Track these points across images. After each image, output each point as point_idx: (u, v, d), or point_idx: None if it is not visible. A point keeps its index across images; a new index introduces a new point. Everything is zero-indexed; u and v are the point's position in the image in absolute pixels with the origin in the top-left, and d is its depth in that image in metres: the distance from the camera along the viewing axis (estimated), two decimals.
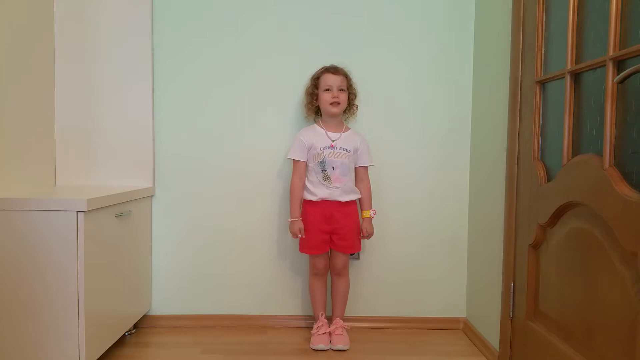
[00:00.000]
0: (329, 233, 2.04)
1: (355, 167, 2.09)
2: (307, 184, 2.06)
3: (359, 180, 2.10)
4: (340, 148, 2.03)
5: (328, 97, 2.01)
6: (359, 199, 2.10)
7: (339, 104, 2.02)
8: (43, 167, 2.10)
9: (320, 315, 2.11)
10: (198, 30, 2.23)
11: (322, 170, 2.02)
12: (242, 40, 2.24)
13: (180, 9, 2.22)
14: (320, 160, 2.02)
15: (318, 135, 2.06)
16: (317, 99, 2.06)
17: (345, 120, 2.16)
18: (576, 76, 1.43)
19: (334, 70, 2.04)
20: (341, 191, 2.02)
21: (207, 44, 2.24)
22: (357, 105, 2.14)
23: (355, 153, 2.06)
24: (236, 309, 2.31)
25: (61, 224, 1.58)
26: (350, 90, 2.07)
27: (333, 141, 2.04)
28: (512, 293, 1.77)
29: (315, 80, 2.07)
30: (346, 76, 2.06)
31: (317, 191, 2.03)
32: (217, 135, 2.26)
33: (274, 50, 2.24)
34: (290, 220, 2.07)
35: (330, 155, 2.01)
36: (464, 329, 2.28)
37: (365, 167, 2.09)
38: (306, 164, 2.07)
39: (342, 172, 2.02)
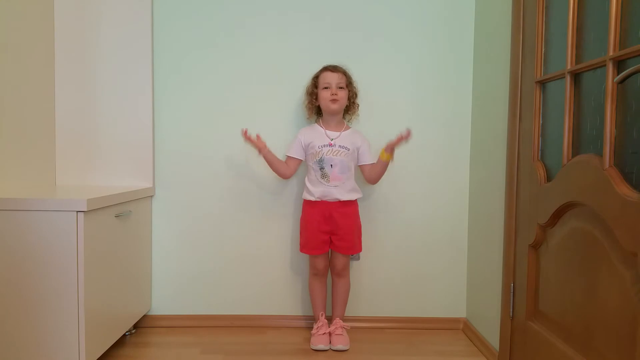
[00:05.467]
0: (329, 233, 2.04)
1: (360, 167, 2.09)
2: (307, 182, 2.07)
3: (367, 176, 2.10)
4: (340, 146, 2.03)
5: (327, 94, 2.01)
6: (375, 164, 2.06)
7: (337, 100, 2.01)
8: (43, 167, 2.10)
9: (320, 315, 2.11)
10: (198, 31, 2.23)
11: (320, 168, 2.02)
12: (242, 41, 2.24)
13: (180, 8, 2.22)
14: (318, 159, 2.02)
15: (317, 134, 2.06)
16: (317, 98, 2.06)
17: (347, 121, 2.15)
18: (576, 76, 1.43)
19: (332, 68, 2.04)
20: (340, 189, 2.02)
21: (208, 44, 2.24)
22: (359, 105, 2.14)
23: (356, 152, 2.06)
24: (236, 309, 2.31)
25: (61, 224, 1.58)
26: (349, 89, 2.07)
27: (332, 139, 2.04)
28: (512, 293, 1.77)
29: (315, 79, 2.07)
30: (345, 74, 2.05)
31: (316, 190, 2.03)
32: (217, 135, 2.26)
33: (274, 52, 2.24)
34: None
35: (328, 153, 2.01)
36: (464, 329, 2.28)
37: (370, 165, 2.08)
38: (301, 162, 2.10)
39: (341, 170, 2.02)
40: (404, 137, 1.94)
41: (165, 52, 2.23)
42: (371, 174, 2.09)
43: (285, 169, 2.09)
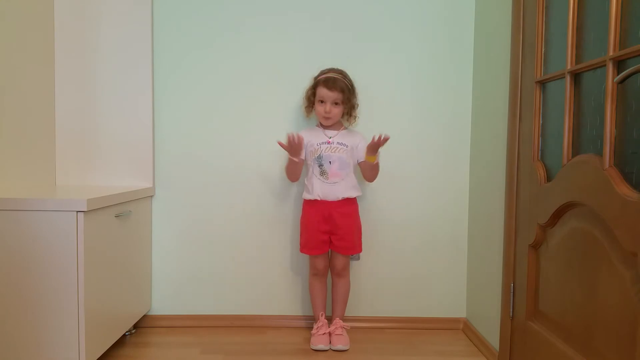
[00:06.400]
0: (328, 233, 2.04)
1: (359, 164, 2.08)
2: (306, 181, 2.07)
3: (362, 174, 2.10)
4: (338, 143, 2.03)
5: (321, 110, 2.01)
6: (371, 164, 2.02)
7: (330, 118, 2.01)
8: (43, 167, 2.10)
9: (320, 315, 2.11)
10: (198, 31, 2.23)
11: (319, 166, 2.02)
12: (242, 41, 2.24)
13: (180, 8, 2.22)
14: (317, 156, 2.02)
15: (315, 133, 2.07)
16: (313, 106, 2.07)
17: (345, 125, 2.14)
18: (576, 76, 1.43)
19: (330, 84, 1.97)
20: (340, 186, 2.02)
21: (208, 44, 2.23)
22: (356, 116, 2.09)
23: (354, 149, 2.05)
24: (236, 309, 2.31)
25: (61, 224, 1.58)
26: (346, 104, 2.02)
27: (330, 137, 2.04)
28: (512, 293, 1.77)
29: (313, 89, 2.05)
30: (343, 91, 1.98)
31: (315, 188, 2.02)
32: (218, 135, 2.26)
33: (274, 52, 2.24)
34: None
35: (327, 150, 2.02)
36: (464, 329, 2.28)
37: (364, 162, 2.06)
38: (303, 162, 2.08)
39: (340, 167, 2.02)
40: (380, 140, 1.89)
41: (165, 52, 2.23)
42: (364, 173, 2.09)
43: (299, 173, 2.08)
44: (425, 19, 2.25)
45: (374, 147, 1.94)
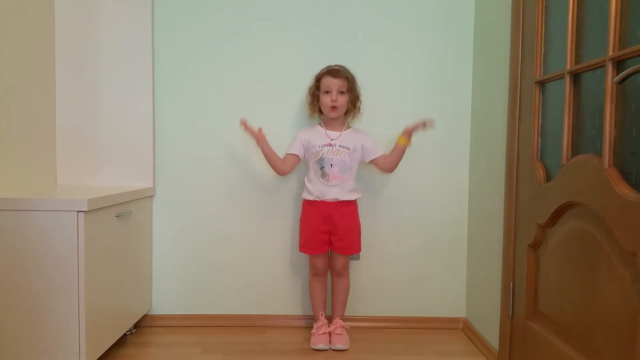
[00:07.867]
0: (328, 233, 2.05)
1: (373, 161, 2.07)
2: (307, 182, 2.07)
3: (383, 167, 2.08)
4: (340, 146, 2.03)
5: (327, 100, 2.01)
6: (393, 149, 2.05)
7: (337, 107, 2.01)
8: (44, 167, 2.10)
9: (320, 315, 2.11)
10: (199, 32, 2.23)
11: (320, 168, 2.02)
12: (243, 42, 2.24)
13: (181, 8, 2.22)
14: (318, 158, 2.02)
15: (317, 134, 2.07)
16: (318, 100, 2.06)
17: (348, 122, 2.15)
18: (576, 76, 1.43)
19: (334, 73, 2.02)
20: (340, 189, 2.02)
21: (208, 45, 2.24)
22: (360, 108, 2.10)
23: (360, 150, 2.05)
24: (236, 309, 2.31)
25: (62, 224, 1.58)
26: (351, 93, 2.05)
27: (332, 140, 2.04)
28: (511, 293, 1.77)
29: (317, 82, 2.07)
30: (347, 79, 2.03)
31: (315, 189, 2.03)
32: (218, 135, 2.26)
33: (275, 52, 2.24)
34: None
35: (328, 153, 2.02)
36: (464, 328, 2.28)
37: (382, 156, 2.06)
38: (300, 161, 2.09)
39: (341, 170, 2.02)
40: (422, 124, 1.98)
41: (165, 53, 2.23)
42: (387, 164, 2.06)
43: (281, 164, 2.08)
44: (425, 19, 2.25)
45: (412, 130, 2.00)
